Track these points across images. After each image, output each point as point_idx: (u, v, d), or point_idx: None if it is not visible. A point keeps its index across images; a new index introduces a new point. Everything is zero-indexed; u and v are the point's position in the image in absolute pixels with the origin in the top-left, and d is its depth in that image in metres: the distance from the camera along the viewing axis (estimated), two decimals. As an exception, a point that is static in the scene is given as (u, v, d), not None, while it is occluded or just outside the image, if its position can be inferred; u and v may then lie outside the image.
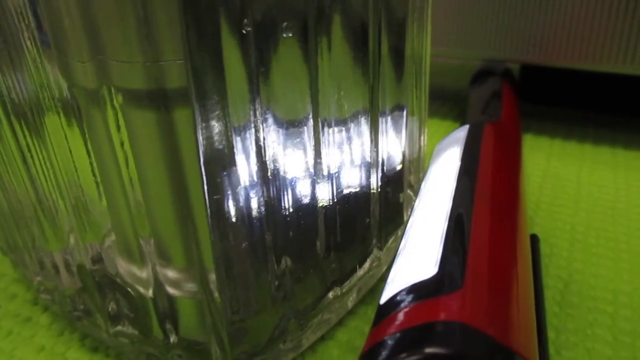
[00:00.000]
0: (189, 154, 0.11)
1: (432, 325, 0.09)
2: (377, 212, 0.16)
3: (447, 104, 0.31)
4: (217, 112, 0.11)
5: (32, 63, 0.11)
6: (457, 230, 0.12)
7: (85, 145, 0.12)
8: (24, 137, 0.13)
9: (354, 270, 0.16)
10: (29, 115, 0.12)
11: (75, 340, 0.16)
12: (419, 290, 0.10)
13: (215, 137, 0.11)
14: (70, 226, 0.13)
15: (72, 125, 0.12)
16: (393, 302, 0.11)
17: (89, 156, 0.12)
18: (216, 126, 0.11)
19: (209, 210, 0.11)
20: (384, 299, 0.11)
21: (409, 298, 0.10)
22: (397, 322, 0.10)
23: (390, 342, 0.09)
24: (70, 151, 0.12)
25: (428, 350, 0.09)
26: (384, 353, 0.09)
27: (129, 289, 0.13)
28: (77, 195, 0.13)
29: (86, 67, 0.11)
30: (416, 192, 0.18)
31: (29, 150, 0.13)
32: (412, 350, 0.09)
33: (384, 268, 0.17)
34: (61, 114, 0.12)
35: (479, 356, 0.09)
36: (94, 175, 0.12)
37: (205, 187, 0.11)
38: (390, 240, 0.17)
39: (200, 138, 0.10)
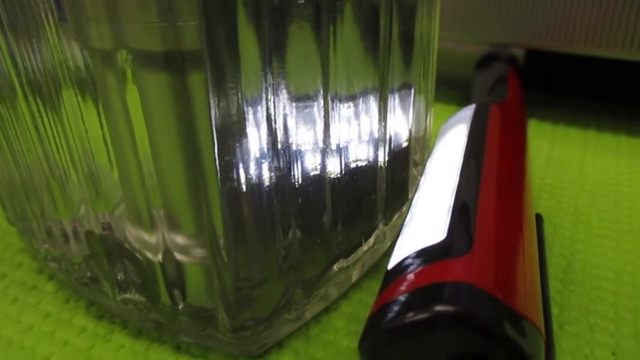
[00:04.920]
0: (201, 117, 0.11)
1: (440, 285, 0.09)
2: (384, 188, 0.16)
3: (451, 90, 0.31)
4: (229, 76, 0.11)
5: (49, 37, 0.11)
6: (465, 200, 0.12)
7: (98, 113, 0.12)
8: (38, 107, 0.13)
9: (359, 244, 0.16)
10: (44, 87, 0.12)
11: (81, 308, 0.16)
12: (427, 254, 0.10)
13: (227, 101, 0.11)
14: (81, 196, 0.14)
15: (86, 94, 0.12)
16: (401, 266, 0.11)
17: (102, 124, 0.12)
18: (229, 91, 0.11)
19: (219, 174, 0.11)
20: (391, 264, 0.11)
21: (418, 262, 0.10)
22: (405, 284, 0.10)
23: (398, 302, 0.09)
24: (83, 119, 0.12)
25: (437, 308, 0.09)
26: (393, 312, 0.09)
27: (138, 255, 0.13)
28: (89, 164, 0.13)
29: (101, 28, 0.11)
30: (421, 171, 0.18)
31: (42, 121, 0.13)
32: (421, 308, 0.09)
33: (389, 244, 0.17)
34: (76, 85, 0.12)
35: (487, 316, 0.09)
36: (107, 144, 0.12)
37: (216, 150, 0.11)
38: (395, 217, 0.17)
39: (212, 101, 0.11)
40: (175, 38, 0.10)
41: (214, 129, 0.11)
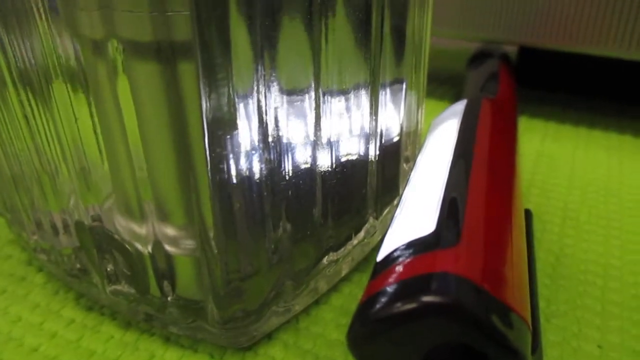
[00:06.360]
0: (191, 108, 0.11)
1: (428, 276, 0.09)
2: (374, 183, 0.16)
3: (444, 86, 0.31)
4: (220, 68, 0.11)
5: (41, 30, 0.11)
6: (454, 193, 0.12)
7: (89, 105, 0.12)
8: (29, 101, 0.13)
9: (349, 238, 0.16)
10: (34, 78, 0.12)
11: (70, 300, 0.16)
12: (416, 245, 0.11)
13: (219, 94, 0.11)
14: (71, 188, 0.14)
15: (77, 87, 0.12)
16: (390, 257, 0.11)
17: (92, 116, 0.12)
18: (220, 82, 0.11)
19: (209, 165, 0.11)
20: (380, 256, 0.11)
21: (407, 253, 0.10)
22: (394, 275, 0.10)
23: (386, 292, 0.10)
24: (74, 113, 0.12)
25: (424, 299, 0.09)
26: (381, 302, 0.09)
27: (127, 246, 0.13)
28: (79, 157, 0.13)
29: (92, 16, 0.11)
30: (412, 165, 0.19)
31: (33, 113, 0.13)
32: (408, 299, 0.09)
33: (379, 238, 0.17)
34: (66, 78, 0.12)
35: (473, 307, 0.09)
36: (97, 136, 0.12)
37: (207, 142, 0.11)
38: (386, 211, 0.17)
39: (203, 92, 0.11)
40: (166, 28, 0.10)
41: (204, 120, 0.11)
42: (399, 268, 0.10)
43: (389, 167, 0.17)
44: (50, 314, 0.15)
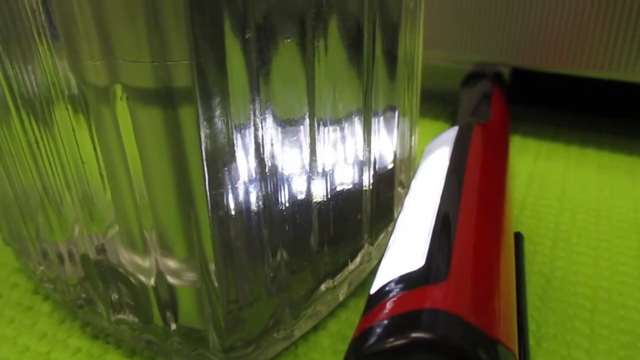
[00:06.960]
0: (192, 149, 0.11)
1: (418, 312, 0.10)
2: (369, 209, 0.16)
3: (438, 105, 0.31)
4: (219, 111, 0.11)
5: (43, 58, 0.12)
6: (444, 225, 0.13)
7: (92, 139, 0.12)
8: (32, 129, 0.13)
9: (345, 264, 0.16)
10: (38, 108, 0.13)
11: (76, 328, 0.16)
12: (406, 280, 0.11)
13: (217, 134, 0.11)
14: (75, 217, 0.14)
15: (80, 119, 0.12)
16: (382, 292, 0.11)
17: (96, 150, 0.13)
18: (218, 124, 0.11)
19: (209, 203, 0.12)
20: (373, 289, 0.12)
21: (398, 288, 0.11)
22: (385, 310, 0.10)
23: (378, 327, 0.10)
24: (78, 145, 0.13)
25: (414, 335, 0.10)
26: (373, 338, 0.10)
27: (131, 278, 0.14)
28: (83, 187, 0.13)
29: (97, 66, 0.11)
30: (406, 191, 0.19)
31: (37, 142, 0.13)
32: (399, 335, 0.10)
33: (375, 263, 0.18)
34: (69, 108, 0.12)
35: (461, 341, 0.10)
36: (100, 168, 0.13)
37: (207, 182, 0.11)
38: (381, 237, 0.18)
39: (203, 135, 0.11)
40: (167, 75, 0.11)
41: (204, 162, 0.11)
42: (390, 303, 0.11)
43: (383, 194, 0.17)
44: (57, 343, 0.16)
